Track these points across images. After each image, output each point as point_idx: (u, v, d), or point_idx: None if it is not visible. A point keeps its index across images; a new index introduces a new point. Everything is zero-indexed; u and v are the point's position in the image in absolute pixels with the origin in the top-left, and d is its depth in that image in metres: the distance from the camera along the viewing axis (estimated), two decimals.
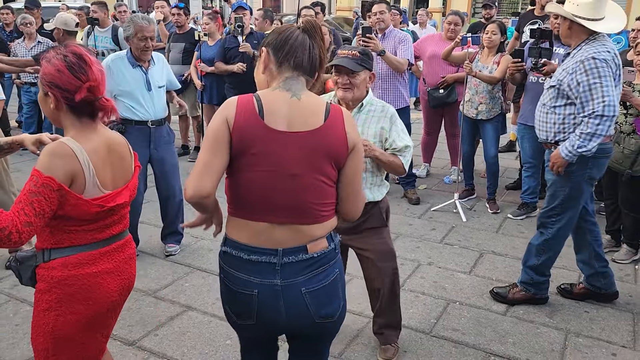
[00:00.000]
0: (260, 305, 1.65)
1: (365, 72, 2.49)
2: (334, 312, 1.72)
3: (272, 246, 1.63)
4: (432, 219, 4.71)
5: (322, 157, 1.62)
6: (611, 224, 4.13)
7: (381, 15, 4.84)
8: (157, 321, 3.08)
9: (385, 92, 4.88)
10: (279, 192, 1.60)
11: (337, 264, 1.74)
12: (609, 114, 2.81)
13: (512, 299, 3.32)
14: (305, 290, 1.65)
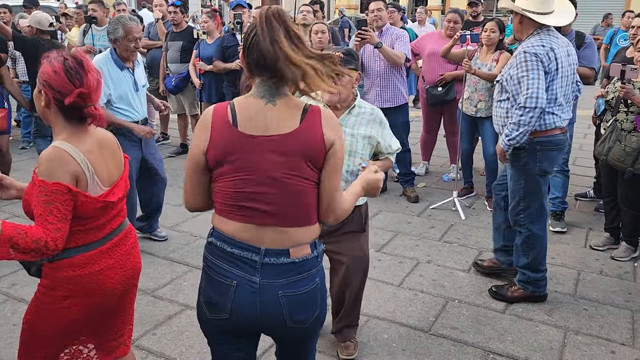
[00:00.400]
0: (236, 298, 1.64)
1: (352, 72, 2.48)
2: (307, 319, 1.71)
3: (256, 244, 1.63)
4: (431, 217, 4.70)
5: (299, 160, 1.60)
6: (610, 221, 4.13)
7: (379, 13, 4.84)
8: (155, 320, 3.08)
9: (383, 89, 4.89)
10: (261, 197, 1.61)
11: (319, 274, 1.72)
12: (530, 106, 2.94)
13: (510, 297, 3.33)
14: (282, 294, 1.64)
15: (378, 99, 4.93)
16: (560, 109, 3.08)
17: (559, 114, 3.08)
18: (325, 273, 1.87)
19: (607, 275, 3.70)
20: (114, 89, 3.63)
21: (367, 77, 4.99)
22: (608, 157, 3.78)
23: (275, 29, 1.54)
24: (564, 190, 4.51)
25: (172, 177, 5.70)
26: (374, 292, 3.41)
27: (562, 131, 3.16)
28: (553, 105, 3.08)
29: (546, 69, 2.99)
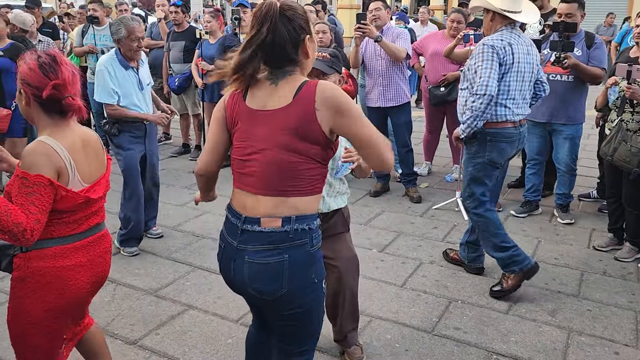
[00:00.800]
0: (222, 257, 1.88)
1: (336, 75, 2.48)
2: (268, 292, 1.77)
3: (240, 211, 1.80)
4: (433, 218, 4.69)
5: (288, 134, 1.71)
6: (614, 222, 4.11)
7: (377, 12, 4.84)
8: (158, 320, 3.08)
9: (386, 88, 4.89)
10: (249, 164, 1.77)
11: (290, 250, 1.74)
12: (480, 92, 3.14)
13: (509, 287, 3.33)
14: (248, 259, 1.77)
15: (381, 98, 4.93)
16: (514, 103, 3.25)
17: (511, 108, 3.24)
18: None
19: (611, 276, 3.69)
20: (119, 88, 3.68)
21: (369, 76, 4.98)
22: (614, 157, 3.77)
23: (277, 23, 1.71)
24: (570, 187, 4.59)
25: (174, 177, 5.70)
26: (377, 292, 3.41)
27: (514, 125, 3.29)
28: (506, 98, 3.23)
29: (501, 60, 3.17)
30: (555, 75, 4.30)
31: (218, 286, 3.45)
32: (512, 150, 3.37)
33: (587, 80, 4.33)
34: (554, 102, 4.33)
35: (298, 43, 1.74)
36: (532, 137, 4.55)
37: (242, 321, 3.06)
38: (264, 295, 1.79)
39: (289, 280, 1.75)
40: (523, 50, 3.25)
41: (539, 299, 3.37)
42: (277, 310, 1.85)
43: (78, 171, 1.88)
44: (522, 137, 3.38)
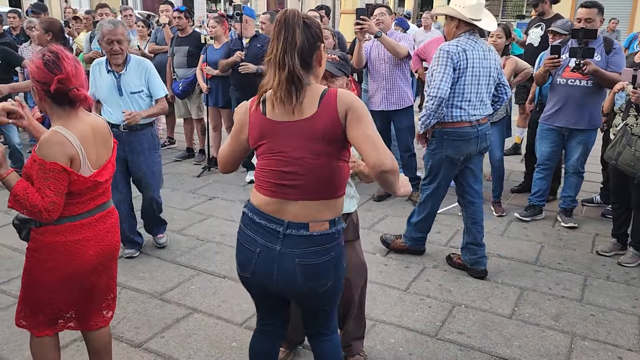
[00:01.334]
0: (258, 262, 1.90)
1: (344, 77, 2.50)
2: (318, 287, 1.91)
3: (279, 216, 1.86)
4: (437, 222, 4.68)
5: (319, 140, 1.80)
6: (618, 227, 4.11)
7: (381, 17, 4.91)
8: (163, 323, 3.09)
9: (389, 92, 4.91)
10: (287, 175, 1.83)
11: (335, 249, 1.91)
12: (432, 94, 3.41)
13: (393, 247, 4.01)
14: (298, 262, 1.85)
15: (384, 102, 4.95)
16: (469, 105, 3.49)
17: (466, 109, 3.48)
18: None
19: (614, 281, 3.69)
20: (100, 89, 3.71)
21: (373, 79, 5.00)
22: (618, 161, 3.78)
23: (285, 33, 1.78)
24: (576, 190, 4.59)
25: (178, 181, 5.73)
26: (381, 296, 3.42)
27: (470, 124, 3.52)
28: (461, 100, 3.47)
29: (455, 65, 3.40)
30: (574, 81, 4.29)
31: (222, 290, 3.47)
32: (468, 147, 3.56)
33: (607, 85, 4.29)
34: (573, 108, 4.33)
35: (314, 50, 1.81)
36: (545, 142, 4.56)
37: (247, 324, 3.08)
38: (312, 290, 1.91)
39: (334, 272, 1.93)
40: (479, 55, 3.46)
41: (543, 303, 3.37)
42: (322, 300, 1.98)
43: (87, 158, 2.06)
44: (481, 135, 3.57)
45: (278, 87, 1.77)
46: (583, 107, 4.33)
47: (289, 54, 1.74)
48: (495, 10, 20.20)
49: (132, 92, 3.69)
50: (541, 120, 4.61)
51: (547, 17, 5.81)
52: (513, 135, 6.44)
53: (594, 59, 4.13)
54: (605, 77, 4.17)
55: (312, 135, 1.80)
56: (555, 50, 4.26)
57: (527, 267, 3.87)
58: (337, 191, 1.90)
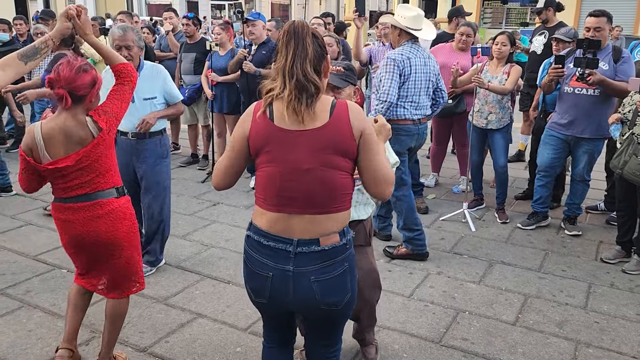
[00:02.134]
0: (273, 286, 1.85)
1: (350, 87, 2.50)
2: (338, 301, 1.88)
3: (288, 235, 1.81)
4: (440, 229, 4.71)
5: (331, 151, 1.77)
6: (622, 235, 4.10)
7: (387, 28, 4.94)
8: (167, 328, 3.11)
9: None
10: (293, 186, 1.78)
11: (347, 259, 1.88)
12: (382, 99, 3.87)
13: (397, 254, 4.06)
14: (314, 279, 1.81)
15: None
16: (412, 105, 3.98)
17: (409, 109, 3.98)
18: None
19: (618, 288, 3.69)
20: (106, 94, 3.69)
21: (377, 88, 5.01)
22: (624, 171, 3.78)
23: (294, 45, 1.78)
24: (581, 197, 4.59)
25: (183, 187, 5.75)
26: (385, 302, 3.42)
27: (413, 122, 4.01)
28: (405, 101, 3.95)
29: (401, 72, 3.87)
30: (580, 89, 4.26)
31: (227, 295, 3.48)
32: (411, 142, 4.07)
33: (615, 95, 4.27)
34: (579, 116, 4.31)
35: (322, 60, 1.82)
36: (547, 148, 4.55)
37: (251, 330, 3.09)
38: (333, 306, 1.87)
39: (351, 283, 1.91)
40: (420, 62, 3.94)
41: (547, 310, 3.37)
42: (342, 314, 1.95)
43: (47, 150, 2.39)
44: (421, 133, 4.09)
45: (289, 96, 1.74)
46: (590, 116, 4.30)
47: (298, 63, 1.74)
48: (499, 18, 20.22)
49: (145, 99, 3.60)
50: (548, 127, 4.61)
51: (550, 24, 5.84)
52: (517, 141, 6.46)
53: (600, 69, 4.11)
54: (613, 87, 4.14)
55: (323, 145, 1.76)
56: (560, 60, 4.25)
57: (531, 274, 3.87)
58: (341, 204, 1.85)
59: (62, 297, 3.41)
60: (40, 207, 5.03)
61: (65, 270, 3.79)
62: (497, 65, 4.81)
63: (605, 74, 4.14)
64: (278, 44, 1.81)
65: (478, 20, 19.21)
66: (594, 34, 4.18)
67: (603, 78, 4.09)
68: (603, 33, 4.21)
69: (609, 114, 4.36)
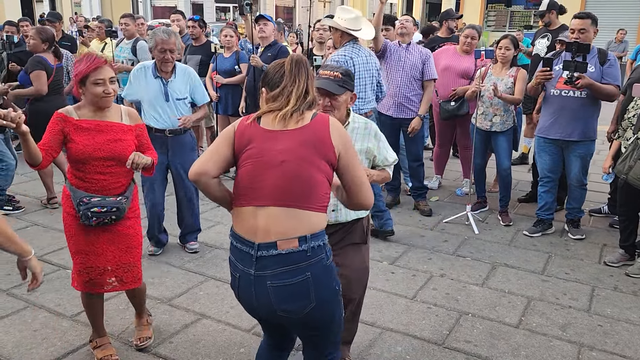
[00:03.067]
0: (240, 288, 1.91)
1: (347, 93, 2.47)
2: (298, 310, 1.85)
3: (250, 238, 1.84)
4: (444, 231, 4.72)
5: (310, 148, 1.83)
6: (625, 238, 4.09)
7: (406, 23, 4.95)
8: (172, 329, 3.12)
9: (402, 100, 4.90)
10: (266, 177, 1.83)
11: (311, 268, 1.83)
12: None
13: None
14: (270, 284, 1.81)
15: (395, 109, 4.95)
16: (360, 101, 4.24)
17: (358, 104, 4.21)
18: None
19: (622, 291, 3.68)
20: (145, 93, 3.83)
21: (388, 84, 4.93)
22: (628, 175, 3.77)
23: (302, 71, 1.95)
24: (581, 201, 4.57)
25: None
26: (388, 304, 3.43)
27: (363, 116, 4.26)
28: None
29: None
30: (567, 92, 4.25)
31: (231, 296, 3.50)
32: None
33: (602, 98, 4.27)
34: (567, 119, 4.30)
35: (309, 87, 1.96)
36: (543, 155, 4.54)
37: (255, 331, 3.10)
38: (293, 315, 1.85)
39: (316, 294, 1.84)
40: (363, 60, 4.20)
41: (550, 313, 3.38)
42: (306, 325, 1.92)
43: None
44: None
45: (292, 108, 1.87)
46: (577, 119, 4.28)
47: (309, 85, 1.93)
48: (503, 21, 20.21)
49: (178, 99, 3.86)
50: (537, 133, 4.61)
51: (553, 27, 5.84)
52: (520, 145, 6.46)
53: (587, 72, 4.08)
54: (601, 90, 4.14)
55: (302, 140, 1.84)
56: (547, 63, 4.24)
57: (534, 276, 3.87)
58: (311, 202, 1.84)
59: (67, 298, 3.43)
60: (45, 208, 5.07)
61: (70, 271, 3.80)
62: (501, 68, 4.82)
63: (592, 77, 4.13)
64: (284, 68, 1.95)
65: (482, 23, 19.21)
66: (579, 36, 4.17)
67: (591, 82, 4.08)
68: (588, 35, 4.21)
69: (596, 116, 4.37)
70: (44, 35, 5.02)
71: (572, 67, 4.02)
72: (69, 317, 3.23)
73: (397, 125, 5.04)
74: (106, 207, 2.60)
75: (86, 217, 2.58)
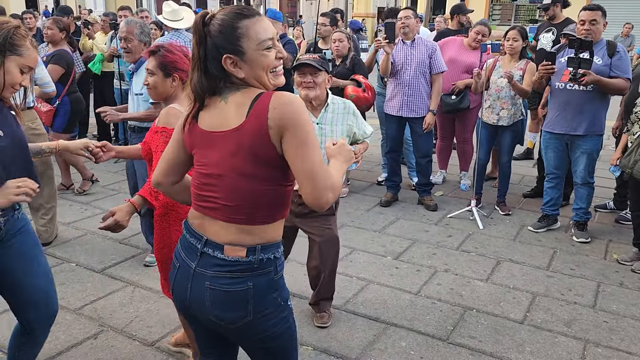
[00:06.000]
0: (176, 279, 1.75)
1: (324, 74, 2.92)
2: (231, 319, 1.66)
3: (201, 232, 1.68)
4: (448, 226, 4.70)
5: (244, 157, 1.57)
6: (638, 236, 4.04)
7: (407, 21, 4.77)
8: (175, 322, 3.11)
9: (410, 99, 4.83)
10: (209, 189, 1.65)
11: (254, 279, 1.64)
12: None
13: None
14: (208, 285, 1.65)
15: (404, 108, 4.87)
16: None
17: None
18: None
19: (628, 287, 3.66)
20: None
21: (393, 83, 4.90)
22: (634, 170, 3.73)
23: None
24: (588, 201, 4.44)
25: None
26: (392, 299, 3.42)
27: None
28: None
29: None
30: (572, 85, 4.16)
31: None
32: None
33: (611, 93, 4.20)
34: (572, 113, 4.22)
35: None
36: (550, 151, 4.47)
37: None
38: (225, 322, 1.67)
39: (254, 307, 1.66)
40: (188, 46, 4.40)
41: (555, 309, 3.36)
42: (244, 337, 1.74)
43: None
44: None
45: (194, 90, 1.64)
46: (582, 113, 4.20)
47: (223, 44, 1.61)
48: (508, 15, 20.10)
49: (137, 94, 3.65)
50: (544, 128, 4.54)
51: (557, 21, 5.79)
52: (525, 140, 6.42)
53: (594, 64, 4.00)
54: (610, 86, 4.06)
55: (234, 149, 1.57)
56: (550, 57, 4.16)
57: (539, 272, 3.85)
58: (261, 216, 1.64)
59: (71, 291, 3.43)
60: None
61: (74, 264, 3.81)
62: (510, 60, 4.77)
63: (600, 69, 4.05)
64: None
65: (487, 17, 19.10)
66: (589, 27, 4.10)
67: (598, 78, 3.98)
68: (598, 27, 4.13)
69: (604, 110, 4.28)
70: (61, 25, 5.12)
71: (576, 63, 3.95)
72: (73, 311, 3.23)
73: (404, 122, 5.00)
74: None
75: None
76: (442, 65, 4.87)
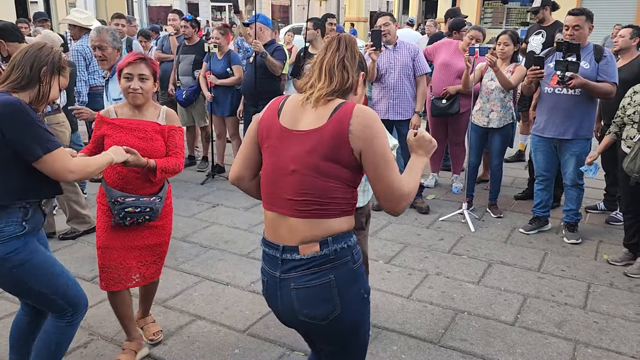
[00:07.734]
0: (267, 291, 1.86)
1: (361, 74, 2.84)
2: (320, 315, 1.74)
3: (276, 241, 1.79)
4: (440, 229, 4.71)
5: (320, 156, 1.69)
6: (629, 237, 4.04)
7: (386, 27, 4.80)
8: (166, 330, 3.11)
9: (396, 101, 4.88)
10: (281, 185, 1.76)
11: (334, 271, 1.73)
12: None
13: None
14: (294, 286, 1.75)
15: (390, 111, 4.92)
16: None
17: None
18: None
19: (618, 288, 3.68)
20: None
21: (378, 87, 4.95)
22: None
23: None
24: (577, 203, 4.47)
25: (183, 189, 5.76)
26: (383, 303, 3.42)
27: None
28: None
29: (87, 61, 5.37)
30: (561, 90, 4.20)
31: (225, 297, 3.49)
32: None
33: (599, 97, 4.23)
34: (560, 118, 4.24)
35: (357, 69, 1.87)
36: (538, 154, 4.50)
37: (249, 332, 3.09)
38: (316, 320, 1.75)
39: (341, 299, 1.73)
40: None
41: (546, 310, 3.37)
42: (329, 335, 1.82)
43: None
44: None
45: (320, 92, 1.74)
46: (571, 117, 4.22)
47: (336, 57, 1.77)
48: (500, 18, 20.21)
49: (115, 99, 3.71)
50: (532, 132, 4.57)
51: (547, 24, 5.83)
52: (516, 142, 6.45)
53: (581, 68, 4.02)
54: (596, 89, 4.08)
55: (312, 148, 1.69)
56: (539, 62, 4.17)
57: (530, 274, 3.87)
58: (329, 210, 1.73)
59: None
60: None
61: None
62: (500, 64, 4.79)
63: (587, 73, 4.07)
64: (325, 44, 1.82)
65: (478, 20, 19.21)
66: (573, 32, 4.12)
67: (585, 82, 4.00)
68: (582, 32, 4.14)
69: (592, 114, 4.31)
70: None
71: (564, 66, 3.97)
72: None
73: (391, 125, 5.01)
74: (140, 207, 2.60)
75: (120, 217, 2.59)
76: (425, 67, 4.92)
